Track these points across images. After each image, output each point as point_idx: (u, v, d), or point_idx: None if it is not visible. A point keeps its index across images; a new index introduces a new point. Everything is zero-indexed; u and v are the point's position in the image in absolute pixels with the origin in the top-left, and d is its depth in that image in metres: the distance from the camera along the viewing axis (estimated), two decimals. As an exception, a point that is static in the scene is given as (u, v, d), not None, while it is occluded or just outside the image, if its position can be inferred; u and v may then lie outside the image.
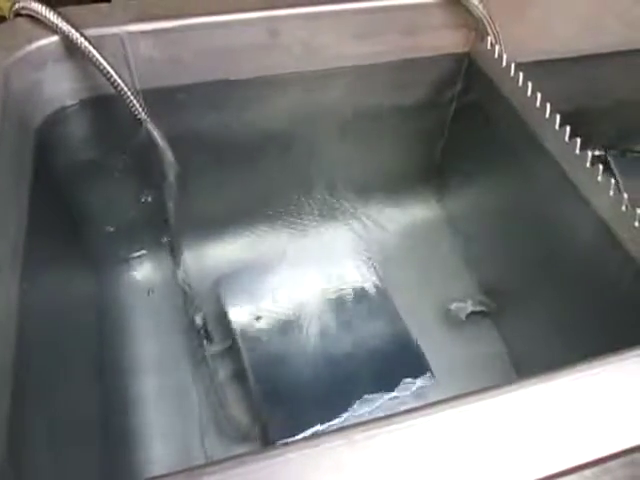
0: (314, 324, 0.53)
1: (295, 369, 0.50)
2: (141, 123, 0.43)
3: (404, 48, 0.49)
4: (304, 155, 0.54)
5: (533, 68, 0.46)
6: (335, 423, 0.46)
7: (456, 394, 0.27)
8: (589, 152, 0.38)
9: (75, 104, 0.44)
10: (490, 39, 0.47)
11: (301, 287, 0.54)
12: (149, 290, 0.57)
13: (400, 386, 0.49)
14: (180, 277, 0.55)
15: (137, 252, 0.58)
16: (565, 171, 0.40)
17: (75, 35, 0.39)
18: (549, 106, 0.41)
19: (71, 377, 0.41)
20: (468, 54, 0.50)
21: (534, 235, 0.47)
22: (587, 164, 0.38)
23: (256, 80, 0.47)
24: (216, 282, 0.55)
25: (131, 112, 0.42)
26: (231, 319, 0.52)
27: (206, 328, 0.53)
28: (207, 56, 0.44)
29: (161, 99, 0.44)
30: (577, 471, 0.25)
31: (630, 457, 0.26)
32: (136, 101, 0.42)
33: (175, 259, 0.56)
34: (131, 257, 0.58)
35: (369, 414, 0.48)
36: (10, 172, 0.36)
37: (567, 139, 0.40)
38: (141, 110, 0.42)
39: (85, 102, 0.44)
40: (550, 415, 0.26)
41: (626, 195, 0.35)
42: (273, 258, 0.56)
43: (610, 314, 0.39)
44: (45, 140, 0.42)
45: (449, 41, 0.49)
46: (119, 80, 0.40)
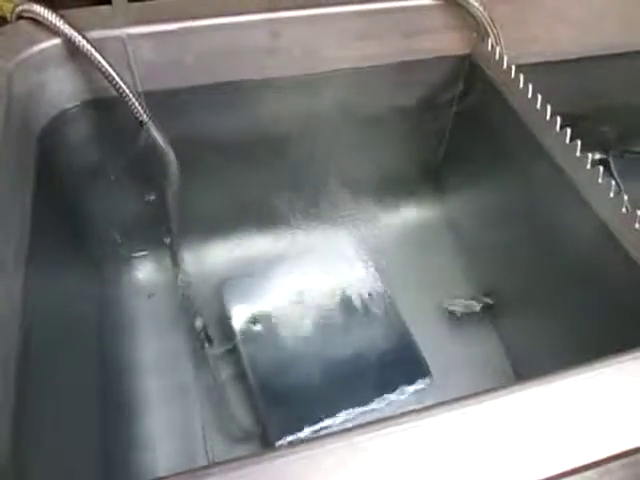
0: (314, 325, 0.53)
1: (295, 370, 0.50)
2: (143, 125, 0.43)
3: (405, 50, 0.49)
4: (305, 157, 0.54)
5: (534, 70, 0.46)
6: (335, 424, 0.47)
7: (455, 396, 0.27)
8: (589, 154, 0.38)
9: (77, 106, 0.44)
10: (491, 41, 0.47)
11: (301, 289, 0.55)
12: (150, 292, 0.57)
13: (399, 387, 0.49)
14: (181, 279, 0.55)
15: (139, 253, 0.58)
16: (565, 173, 0.40)
17: (77, 38, 0.39)
18: (550, 108, 0.41)
19: (73, 377, 0.41)
20: (469, 56, 0.50)
21: (534, 237, 0.47)
22: (587, 166, 0.38)
23: (257, 82, 0.47)
24: (217, 284, 0.55)
25: (133, 114, 0.42)
26: (232, 321, 0.52)
27: (207, 330, 0.53)
28: (208, 58, 0.44)
29: (163, 101, 0.44)
30: (578, 472, 0.25)
31: (631, 458, 0.26)
32: (138, 103, 0.42)
33: (176, 261, 0.56)
34: (133, 258, 0.58)
35: (368, 415, 0.48)
36: (13, 173, 0.36)
37: (567, 141, 0.40)
38: (143, 112, 0.43)
39: (87, 104, 0.44)
40: (551, 417, 0.26)
41: (626, 197, 0.35)
42: (273, 260, 0.56)
43: (609, 315, 0.39)
44: (48, 142, 0.42)
45: (450, 43, 0.49)
46: (121, 82, 0.41)
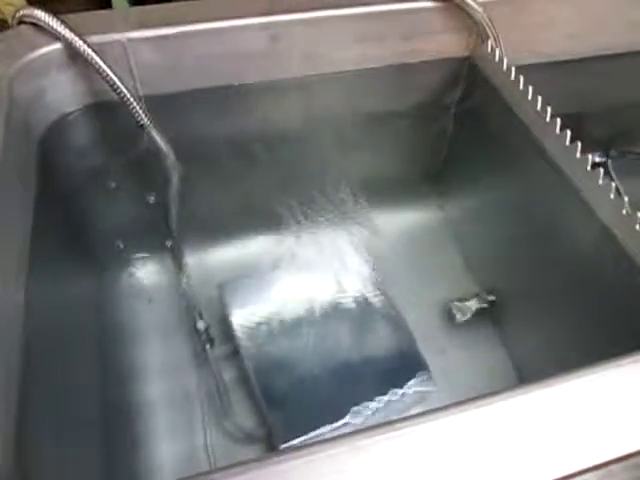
0: (316, 327, 0.53)
1: (297, 372, 0.50)
2: (143, 129, 0.43)
3: (404, 52, 0.49)
4: (305, 160, 0.54)
5: (534, 71, 0.46)
6: (337, 425, 0.47)
7: (456, 397, 0.27)
8: (589, 155, 0.38)
9: (78, 110, 0.44)
10: (490, 43, 0.47)
11: (302, 291, 0.55)
12: (151, 295, 0.57)
13: (401, 390, 0.49)
14: (183, 281, 0.55)
15: (140, 256, 0.58)
16: (566, 175, 0.40)
17: (78, 42, 0.39)
18: (550, 109, 0.41)
19: (75, 381, 0.41)
20: (469, 58, 0.50)
21: (535, 238, 0.47)
22: (588, 167, 0.38)
23: (257, 85, 0.47)
24: (218, 286, 0.55)
25: (133, 118, 0.42)
26: (233, 323, 0.52)
27: (209, 332, 0.53)
28: (208, 62, 0.44)
29: (163, 105, 0.45)
30: (580, 475, 0.25)
31: (633, 461, 0.26)
32: (138, 107, 0.42)
33: (178, 263, 0.56)
34: (134, 261, 0.58)
35: (370, 417, 0.48)
36: (14, 177, 0.36)
37: (568, 143, 0.40)
38: (143, 116, 0.43)
39: (88, 108, 0.44)
40: (552, 420, 0.26)
41: (627, 198, 0.35)
42: (275, 262, 0.56)
43: (610, 317, 0.39)
44: (49, 146, 0.43)
45: (449, 45, 0.49)
46: (121, 86, 0.41)
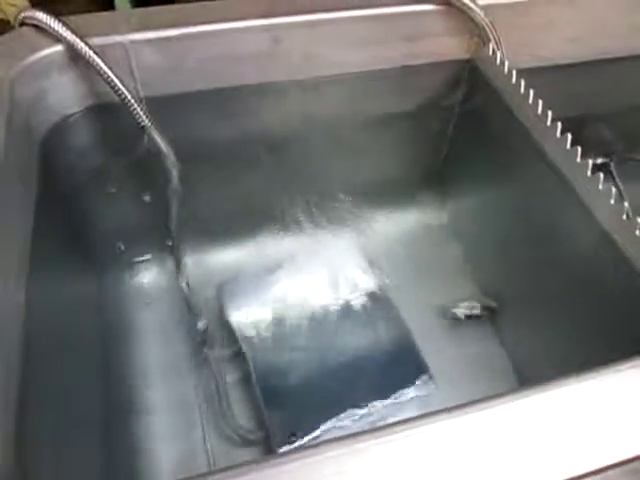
0: (316, 328, 0.53)
1: (297, 373, 0.50)
2: (144, 130, 0.43)
3: (405, 55, 0.49)
4: (306, 161, 0.54)
5: (535, 74, 0.46)
6: (337, 427, 0.47)
7: (456, 398, 0.27)
8: (590, 160, 0.38)
9: (79, 112, 0.44)
10: (492, 45, 0.47)
11: (303, 292, 0.55)
12: (151, 296, 0.57)
13: (401, 391, 0.49)
14: (183, 282, 0.55)
15: (141, 257, 0.58)
16: (566, 179, 0.40)
17: (79, 44, 0.39)
18: (550, 113, 0.41)
19: (75, 381, 0.41)
20: (470, 61, 0.50)
21: (535, 241, 0.47)
22: (588, 172, 0.38)
23: (258, 87, 0.47)
24: (218, 287, 0.55)
25: (135, 120, 0.42)
26: (233, 324, 0.52)
27: (209, 333, 0.53)
28: (210, 64, 0.44)
29: (164, 107, 0.45)
30: None
31: (631, 466, 0.26)
32: (139, 109, 0.42)
33: (178, 264, 0.56)
34: (135, 262, 0.58)
35: (371, 418, 0.48)
36: (16, 178, 0.36)
37: (568, 147, 0.40)
38: (144, 117, 0.43)
39: (89, 110, 0.44)
40: (551, 425, 0.26)
41: (627, 203, 0.35)
42: (275, 263, 0.56)
43: (609, 321, 0.39)
44: (50, 148, 0.43)
45: (450, 48, 0.49)
46: (123, 88, 0.41)
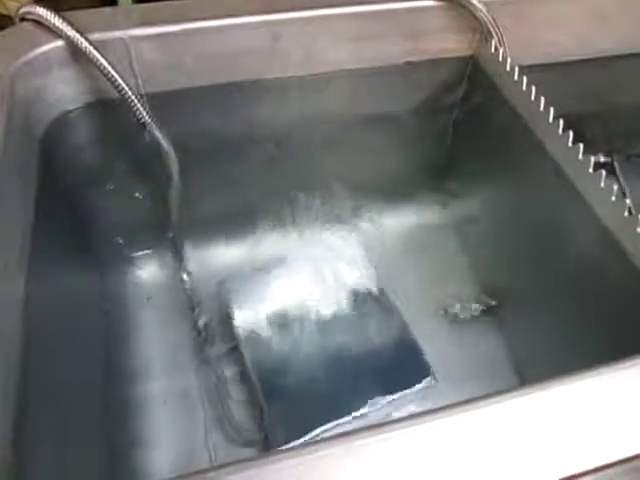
0: (316, 326, 0.53)
1: (297, 371, 0.50)
2: (145, 126, 0.43)
3: (407, 51, 0.49)
4: (306, 158, 0.54)
5: (537, 71, 0.46)
6: (337, 425, 0.47)
7: (458, 397, 0.27)
8: (592, 157, 0.38)
9: (79, 108, 0.44)
10: (494, 42, 0.47)
11: (303, 289, 0.55)
12: (151, 292, 0.57)
13: (402, 388, 0.49)
14: (183, 279, 0.55)
15: (141, 253, 0.58)
16: (568, 176, 0.39)
17: (79, 40, 0.39)
18: (553, 110, 0.41)
19: (75, 378, 0.41)
20: (472, 57, 0.50)
21: (536, 239, 0.47)
22: (590, 169, 0.38)
23: (258, 83, 0.47)
24: (219, 284, 0.55)
25: (135, 115, 0.42)
26: (234, 321, 0.52)
27: (209, 330, 0.53)
28: (210, 60, 0.44)
29: (164, 102, 0.45)
30: (580, 477, 0.25)
31: (633, 464, 0.26)
32: (140, 105, 0.42)
33: (178, 261, 0.56)
34: (135, 258, 0.58)
35: (371, 416, 0.48)
36: (15, 174, 0.36)
37: (570, 144, 0.39)
38: (145, 113, 0.43)
39: (89, 106, 0.44)
40: (552, 423, 0.26)
41: (629, 201, 0.35)
42: (275, 260, 0.56)
43: (611, 319, 0.39)
44: (50, 143, 0.43)
45: (452, 44, 0.49)
46: (123, 84, 0.41)
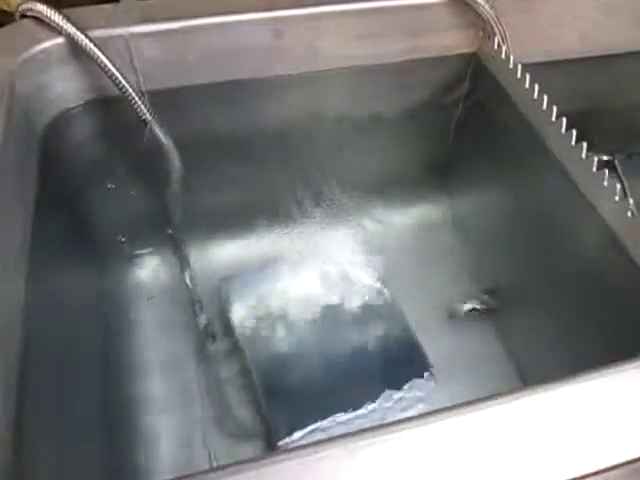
0: (317, 324, 0.53)
1: (298, 369, 0.50)
2: (146, 124, 0.43)
3: (410, 48, 0.48)
4: (308, 156, 0.54)
5: (540, 69, 0.46)
6: (337, 422, 0.47)
7: (458, 396, 0.27)
8: (595, 156, 0.38)
9: (80, 105, 0.44)
10: (497, 39, 0.47)
11: (304, 287, 0.55)
12: (152, 290, 0.57)
13: (401, 386, 0.49)
14: (184, 277, 0.55)
15: (142, 251, 0.58)
16: (570, 175, 0.39)
17: (80, 37, 0.39)
18: (555, 108, 0.41)
19: (75, 377, 0.41)
20: (475, 54, 0.50)
21: (538, 237, 0.47)
22: (593, 168, 0.38)
23: (260, 81, 0.46)
24: (219, 282, 0.55)
25: (136, 113, 0.42)
26: (234, 319, 0.52)
27: (209, 328, 0.53)
28: (211, 57, 0.44)
29: (166, 100, 0.44)
30: (581, 480, 0.25)
31: (633, 467, 0.26)
32: (141, 102, 0.42)
33: (179, 259, 0.56)
34: (136, 257, 0.58)
35: (371, 415, 0.48)
36: (16, 172, 0.36)
37: (573, 143, 0.39)
38: (146, 111, 0.43)
39: (90, 103, 0.44)
40: (551, 425, 0.26)
41: (632, 200, 0.35)
42: (276, 258, 0.56)
43: (612, 318, 0.38)
44: (50, 141, 0.43)
45: (455, 41, 0.49)
46: (124, 81, 0.41)
